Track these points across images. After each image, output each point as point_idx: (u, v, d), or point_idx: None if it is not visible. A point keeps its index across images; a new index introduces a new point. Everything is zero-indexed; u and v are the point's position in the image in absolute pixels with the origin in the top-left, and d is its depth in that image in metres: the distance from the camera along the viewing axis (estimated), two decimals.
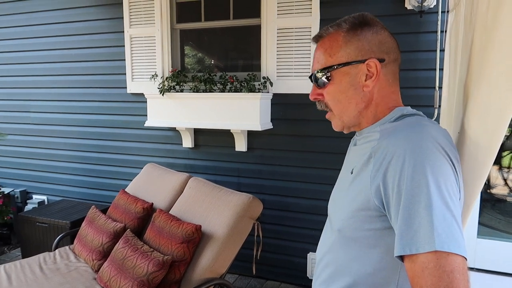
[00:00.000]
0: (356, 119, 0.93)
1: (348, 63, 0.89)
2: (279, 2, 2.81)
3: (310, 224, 2.94)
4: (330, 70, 0.90)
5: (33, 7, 3.63)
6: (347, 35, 0.90)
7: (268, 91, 2.90)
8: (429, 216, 0.69)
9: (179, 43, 3.26)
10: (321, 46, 0.94)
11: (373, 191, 0.79)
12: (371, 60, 0.88)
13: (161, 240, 2.29)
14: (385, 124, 0.89)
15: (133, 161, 3.47)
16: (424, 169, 0.72)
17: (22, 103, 3.84)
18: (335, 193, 1.04)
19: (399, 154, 0.75)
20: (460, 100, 0.99)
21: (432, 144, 0.75)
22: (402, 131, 0.80)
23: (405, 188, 0.73)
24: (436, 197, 0.70)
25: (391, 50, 0.90)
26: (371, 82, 0.89)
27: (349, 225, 0.86)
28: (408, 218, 0.72)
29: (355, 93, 0.90)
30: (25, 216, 3.21)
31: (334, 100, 0.93)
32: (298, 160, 2.95)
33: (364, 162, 0.85)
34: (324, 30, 0.94)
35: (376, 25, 0.91)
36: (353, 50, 0.89)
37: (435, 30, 2.45)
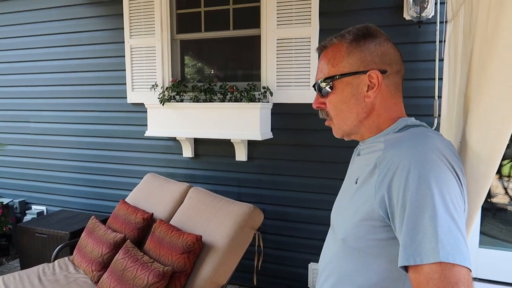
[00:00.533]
0: (356, 128, 0.95)
1: (350, 73, 0.90)
2: (278, 12, 2.84)
3: (311, 234, 2.93)
4: (332, 80, 0.92)
5: (35, 18, 3.66)
6: (350, 46, 0.91)
7: (268, 100, 2.92)
8: (434, 227, 0.70)
9: (179, 53, 3.28)
10: (324, 56, 0.96)
11: (377, 202, 0.80)
12: (373, 71, 0.89)
13: (161, 251, 2.27)
14: (390, 135, 0.89)
15: (133, 171, 3.47)
16: (429, 181, 0.73)
17: (22, 113, 3.84)
18: (338, 203, 1.04)
19: (404, 165, 0.76)
20: (461, 110, 1.00)
21: (437, 156, 0.75)
22: (406, 142, 0.81)
23: (409, 199, 0.73)
24: (441, 208, 0.71)
25: (393, 61, 0.91)
26: (372, 93, 0.90)
27: (353, 234, 0.86)
28: (412, 229, 0.72)
29: (357, 103, 0.91)
30: (24, 227, 3.19)
31: (336, 109, 0.94)
32: (299, 169, 2.95)
33: (368, 172, 0.85)
34: (328, 41, 0.96)
35: (379, 37, 0.92)
36: (355, 61, 0.90)
37: (433, 40, 2.47)
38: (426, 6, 2.41)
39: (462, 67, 1.05)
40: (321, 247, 1.06)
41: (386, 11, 2.64)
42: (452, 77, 1.35)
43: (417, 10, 2.42)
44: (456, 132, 1.05)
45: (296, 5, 2.79)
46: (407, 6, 2.48)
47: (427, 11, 2.42)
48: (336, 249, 0.92)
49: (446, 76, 1.54)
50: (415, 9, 2.43)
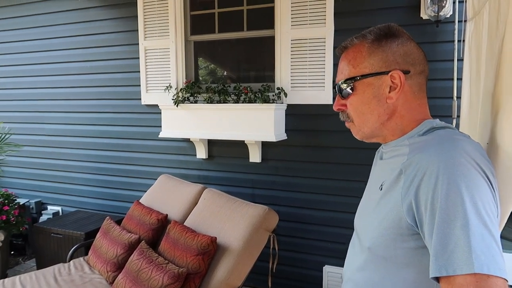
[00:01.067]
0: (378, 131, 0.92)
1: (372, 74, 0.88)
2: (293, 13, 2.82)
3: (326, 237, 2.90)
4: (353, 81, 0.90)
5: (51, 21, 3.71)
6: (372, 46, 0.89)
7: (282, 101, 2.90)
8: (466, 236, 0.67)
9: (193, 54, 3.28)
10: (345, 57, 0.93)
11: (405, 209, 0.77)
12: (395, 72, 0.86)
13: (176, 252, 2.27)
14: (414, 138, 0.86)
15: (147, 172, 3.48)
16: (459, 187, 0.69)
17: (38, 114, 3.89)
18: (362, 208, 1.01)
19: (432, 171, 0.73)
20: (487, 111, 0.96)
21: (466, 160, 0.72)
22: (434, 146, 0.78)
23: (439, 207, 0.70)
24: (472, 215, 0.68)
25: (417, 61, 0.88)
26: (394, 94, 0.87)
27: (380, 243, 0.83)
28: (443, 238, 0.69)
29: (378, 105, 0.89)
30: (40, 227, 3.22)
31: (356, 111, 0.92)
32: (313, 171, 2.92)
33: (394, 178, 0.82)
34: (349, 41, 0.93)
35: (402, 36, 0.89)
36: (377, 61, 0.88)
37: (451, 39, 2.43)
38: (444, 5, 2.36)
39: (488, 67, 1.02)
40: (337, 250, 1.04)
41: (402, 11, 2.60)
42: (474, 77, 1.32)
43: (434, 9, 2.38)
44: (482, 133, 1.02)
45: (310, 6, 2.77)
46: (425, 5, 2.44)
47: (445, 10, 2.38)
48: (363, 258, 0.89)
49: (467, 76, 1.51)
50: (433, 8, 2.38)
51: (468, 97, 1.45)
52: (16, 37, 3.90)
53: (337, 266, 2.82)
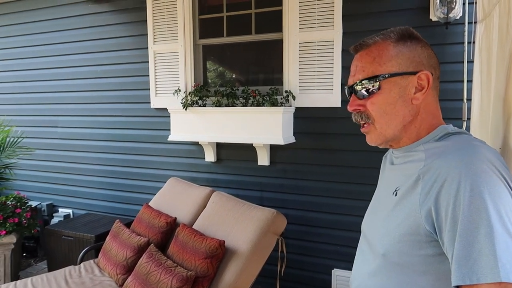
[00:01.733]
0: (399, 133, 0.88)
1: (399, 73, 0.85)
2: (301, 16, 2.82)
3: (334, 240, 2.88)
4: (379, 79, 0.86)
5: (61, 26, 3.76)
6: (398, 45, 0.86)
7: (290, 104, 2.89)
8: (491, 244, 0.65)
9: (201, 58, 3.30)
10: (367, 55, 0.89)
11: (423, 215, 0.75)
12: (423, 73, 0.84)
13: (184, 255, 2.28)
14: (430, 143, 0.85)
15: (156, 175, 3.50)
16: (482, 194, 0.68)
17: (50, 118, 3.95)
18: (373, 214, 0.98)
19: (453, 177, 0.71)
20: (499, 115, 0.95)
21: (488, 166, 0.71)
22: (453, 152, 0.76)
23: (462, 214, 0.69)
24: (497, 223, 0.66)
25: (436, 66, 0.88)
26: (421, 95, 0.85)
27: (396, 250, 0.81)
28: (467, 246, 0.68)
29: (404, 106, 0.86)
30: (51, 230, 3.26)
31: (380, 111, 0.87)
32: (322, 174, 2.91)
33: (411, 184, 0.80)
34: (369, 38, 0.89)
35: (422, 41, 0.88)
36: (404, 61, 0.85)
37: (461, 41, 2.40)
38: (454, 7, 2.34)
39: (498, 70, 1.00)
40: (345, 253, 1.03)
41: (411, 12, 2.58)
42: (485, 80, 1.30)
43: (444, 11, 2.36)
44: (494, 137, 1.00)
45: (318, 8, 2.77)
46: (434, 7, 2.42)
47: (455, 11, 2.36)
48: (375, 265, 0.87)
49: (478, 78, 1.49)
50: (442, 9, 2.36)
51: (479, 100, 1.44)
52: (28, 42, 3.96)
53: (346, 270, 2.80)
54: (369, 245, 0.94)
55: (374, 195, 1.02)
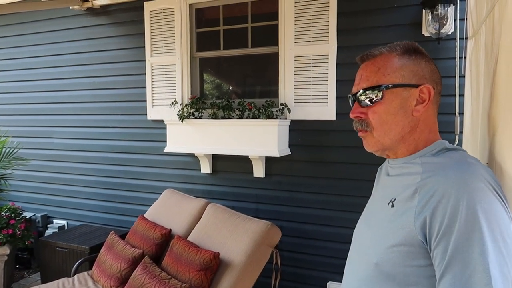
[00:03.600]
0: (396, 143, 0.91)
1: (402, 85, 0.88)
2: (296, 30, 2.87)
3: (329, 252, 2.88)
4: (382, 89, 0.88)
5: (59, 38, 3.79)
6: (402, 58, 0.89)
7: (286, 117, 2.92)
8: (485, 262, 0.68)
9: (198, 70, 3.34)
10: (372, 65, 0.91)
11: (417, 227, 0.77)
12: (425, 86, 0.87)
13: (179, 267, 2.27)
14: (427, 157, 0.87)
15: (152, 186, 3.51)
16: (478, 212, 0.71)
17: (46, 129, 3.95)
18: (367, 223, 1.00)
19: (450, 194, 0.74)
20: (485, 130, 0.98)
21: (484, 184, 0.73)
22: (451, 169, 0.78)
23: (457, 230, 0.71)
24: (490, 243, 0.69)
25: (438, 81, 0.91)
26: (422, 108, 0.87)
27: (389, 259, 0.83)
28: (461, 262, 0.70)
29: (404, 117, 0.88)
30: (46, 241, 3.24)
31: (380, 120, 0.90)
32: (317, 186, 2.93)
33: (408, 196, 0.82)
34: (375, 50, 0.92)
35: (426, 56, 0.91)
36: (407, 73, 0.88)
37: (453, 56, 2.45)
38: (446, 23, 2.40)
39: (485, 86, 1.03)
40: (340, 266, 1.03)
41: (404, 28, 2.63)
42: (475, 94, 1.33)
43: (436, 27, 2.41)
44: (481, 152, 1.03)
45: (314, 23, 2.82)
46: (426, 23, 2.47)
47: (447, 27, 2.41)
48: (367, 274, 0.88)
49: (468, 93, 1.52)
50: (434, 25, 2.42)
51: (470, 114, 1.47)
52: (25, 54, 3.99)
53: (341, 282, 2.79)
54: (360, 254, 0.95)
55: (368, 204, 1.04)
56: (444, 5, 2.37)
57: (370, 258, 0.88)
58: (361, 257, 0.94)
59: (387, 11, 2.66)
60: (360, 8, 2.73)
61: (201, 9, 3.28)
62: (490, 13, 1.01)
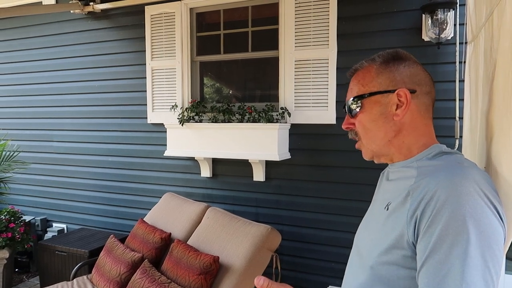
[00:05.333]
0: (385, 148, 0.93)
1: (379, 92, 0.91)
2: (296, 34, 2.88)
3: (329, 257, 2.88)
4: (361, 99, 0.93)
5: (61, 42, 3.81)
6: (380, 67, 0.93)
7: (286, 121, 2.93)
8: (462, 265, 0.68)
9: (198, 74, 3.35)
10: (355, 78, 0.97)
11: (410, 230, 0.78)
12: (401, 90, 0.88)
13: (178, 271, 2.27)
14: (423, 161, 0.87)
15: (152, 190, 3.50)
16: (464, 216, 0.71)
17: (46, 132, 3.96)
18: (365, 227, 1.01)
19: (439, 195, 0.74)
20: (483, 135, 0.98)
21: (475, 190, 0.73)
22: (443, 172, 0.79)
23: (439, 230, 0.72)
24: (473, 247, 0.69)
25: (423, 82, 0.91)
26: (401, 111, 0.89)
27: (383, 263, 0.83)
28: (438, 262, 0.71)
29: (385, 122, 0.91)
30: (45, 245, 3.24)
31: (364, 128, 0.94)
32: (317, 190, 2.93)
33: (401, 200, 0.83)
34: (359, 65, 0.97)
35: (409, 60, 0.93)
36: (384, 80, 0.91)
37: (453, 61, 2.46)
38: (445, 28, 2.41)
39: (484, 91, 1.03)
40: (340, 270, 1.04)
41: (404, 33, 2.64)
42: (474, 99, 1.33)
43: (436, 32, 2.42)
44: (480, 156, 1.03)
45: (314, 27, 2.83)
46: (426, 28, 2.48)
47: (446, 32, 2.42)
48: (365, 278, 0.89)
49: (468, 97, 1.53)
50: (434, 30, 2.43)
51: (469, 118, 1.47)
52: (26, 57, 4.00)
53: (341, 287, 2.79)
54: (359, 258, 0.96)
55: (369, 209, 1.05)
56: (444, 10, 2.38)
57: (367, 262, 0.89)
58: (359, 261, 0.95)
59: (387, 16, 2.68)
60: (360, 12, 2.74)
61: (202, 13, 3.30)
62: (489, 18, 1.01)
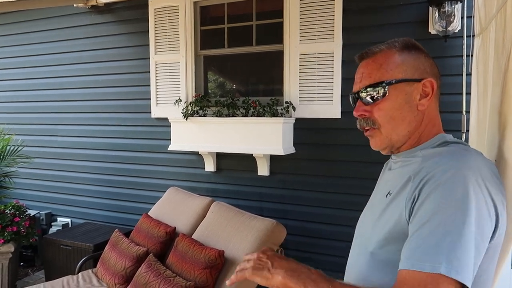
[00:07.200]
0: (404, 139, 0.91)
1: (405, 80, 0.88)
2: (301, 28, 2.86)
3: (334, 251, 2.87)
4: (386, 85, 0.88)
5: (64, 36, 3.79)
6: (403, 54, 0.90)
7: (290, 115, 2.91)
8: (440, 240, 0.70)
9: (202, 68, 3.33)
10: (373, 62, 0.91)
11: (407, 211, 0.78)
12: (428, 80, 0.88)
13: (183, 265, 2.27)
14: (427, 150, 0.87)
15: (156, 184, 3.50)
16: (457, 197, 0.72)
17: (50, 127, 3.96)
18: (366, 216, 1.02)
19: (437, 178, 0.75)
20: (495, 128, 0.96)
21: (473, 174, 0.74)
22: (445, 157, 0.80)
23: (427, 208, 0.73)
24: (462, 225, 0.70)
25: (438, 75, 0.91)
26: (426, 101, 0.88)
27: (383, 248, 0.84)
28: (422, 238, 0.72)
29: (410, 111, 0.88)
30: (50, 239, 3.25)
31: (387, 116, 0.89)
32: (322, 185, 2.92)
33: (402, 185, 0.83)
34: (374, 47, 0.93)
35: (424, 51, 0.93)
36: (409, 68, 0.89)
37: (460, 54, 2.43)
38: (453, 20, 2.38)
39: (495, 83, 1.02)
40: (345, 265, 1.03)
41: (410, 26, 2.62)
42: (482, 93, 1.32)
43: (443, 24, 2.39)
44: (490, 149, 1.02)
45: (319, 21, 2.81)
46: (433, 21, 2.45)
47: (453, 25, 2.39)
48: (365, 263, 0.90)
49: (475, 91, 1.51)
50: (441, 23, 2.40)
51: (476, 112, 1.45)
52: (29, 52, 3.99)
53: None
54: (360, 245, 0.97)
55: (370, 199, 1.05)
56: (451, 3, 2.35)
57: (367, 248, 0.90)
58: (360, 249, 0.96)
59: (393, 9, 2.65)
60: (365, 5, 2.71)
61: (206, 6, 3.28)
62: (501, 8, 0.99)
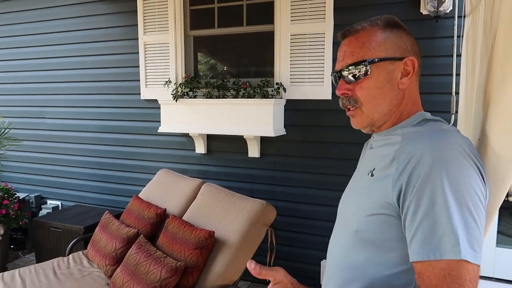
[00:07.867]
0: (386, 117, 0.91)
1: (387, 58, 0.87)
2: (292, 8, 2.82)
3: (323, 231, 2.91)
4: (368, 63, 0.87)
5: (50, 16, 3.70)
6: (385, 32, 0.89)
7: (281, 97, 2.90)
8: (453, 225, 0.70)
9: (192, 49, 3.28)
10: (356, 40, 0.90)
11: (395, 194, 0.78)
12: (409, 58, 0.87)
13: (174, 246, 2.28)
14: (407, 128, 0.88)
15: (146, 166, 3.49)
16: (451, 178, 0.72)
17: (38, 109, 3.90)
18: (349, 195, 1.02)
19: (425, 160, 0.75)
20: (480, 106, 0.97)
21: (459, 152, 0.75)
22: (427, 137, 0.79)
23: (429, 195, 0.73)
24: (460, 206, 0.71)
25: (419, 54, 0.91)
26: (407, 80, 0.88)
27: (368, 226, 0.84)
28: (432, 225, 0.72)
29: (391, 90, 0.88)
30: (40, 221, 3.24)
31: (369, 95, 0.89)
32: (312, 166, 2.93)
33: (386, 164, 0.83)
34: (357, 25, 0.92)
35: (406, 29, 0.92)
36: (391, 46, 0.88)
37: (451, 35, 2.42)
38: (444, 1, 2.36)
39: (482, 62, 1.02)
40: None
41: (402, 6, 2.59)
42: (470, 72, 1.32)
43: (434, 5, 2.37)
44: (474, 129, 1.02)
45: (310, 0, 2.77)
46: (424, 1, 2.43)
47: (445, 5, 2.37)
48: (348, 241, 0.90)
49: (464, 71, 1.51)
50: (433, 3, 2.38)
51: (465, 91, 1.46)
52: (16, 32, 3.90)
53: None
54: (343, 224, 0.97)
55: (351, 179, 1.05)
56: None
57: (351, 227, 0.90)
58: (344, 228, 0.96)
59: None
60: None
61: None
62: None
